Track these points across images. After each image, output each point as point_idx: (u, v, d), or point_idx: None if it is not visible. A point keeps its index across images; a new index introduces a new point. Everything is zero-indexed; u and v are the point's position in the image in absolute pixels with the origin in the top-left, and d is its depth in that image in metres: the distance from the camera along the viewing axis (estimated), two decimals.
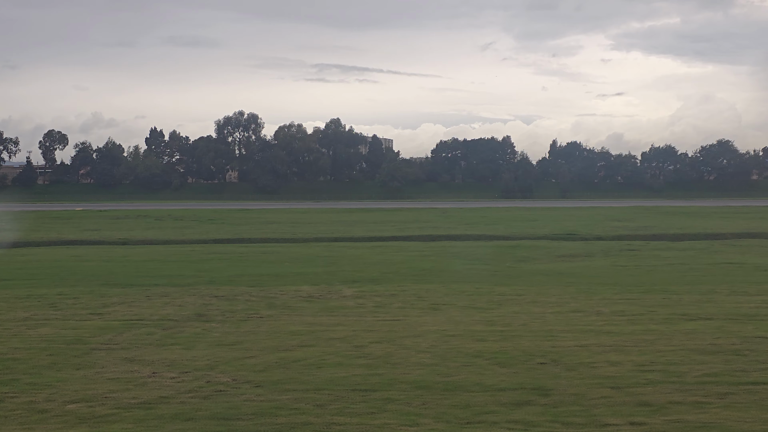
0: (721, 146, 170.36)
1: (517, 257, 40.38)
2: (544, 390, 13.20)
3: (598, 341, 17.17)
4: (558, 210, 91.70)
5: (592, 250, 44.67)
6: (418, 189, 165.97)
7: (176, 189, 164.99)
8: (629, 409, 12.15)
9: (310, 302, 22.96)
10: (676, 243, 50.60)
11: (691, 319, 20.10)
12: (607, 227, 63.83)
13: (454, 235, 57.28)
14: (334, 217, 79.18)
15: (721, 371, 14.42)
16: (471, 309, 21.83)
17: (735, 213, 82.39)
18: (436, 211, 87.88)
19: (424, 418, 11.63)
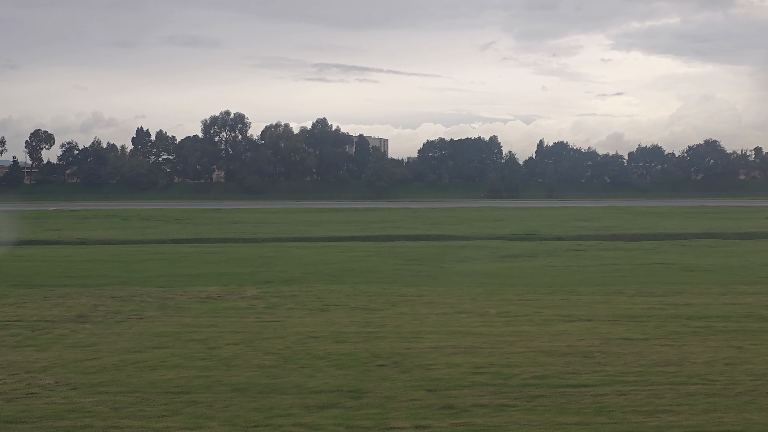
0: (708, 146, 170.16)
1: (458, 257, 40.28)
2: (360, 392, 13.14)
3: (457, 343, 17.11)
4: (530, 210, 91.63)
5: (539, 250, 44.57)
6: (405, 189, 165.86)
7: (162, 189, 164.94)
8: (428, 411, 12.09)
9: (204, 303, 22.91)
10: (629, 243, 50.53)
11: (571, 320, 20.04)
12: (570, 227, 63.73)
13: (413, 235, 57.20)
14: (302, 217, 79.10)
15: (553, 373, 14.35)
16: (360, 310, 21.78)
17: (707, 213, 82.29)
18: (407, 211, 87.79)
19: (213, 422, 11.58)
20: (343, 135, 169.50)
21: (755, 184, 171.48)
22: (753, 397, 12.70)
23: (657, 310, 21.61)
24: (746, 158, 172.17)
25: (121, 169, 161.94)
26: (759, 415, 11.76)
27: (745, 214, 79.37)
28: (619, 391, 13.10)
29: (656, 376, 14.09)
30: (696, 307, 22.21)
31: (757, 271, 32.28)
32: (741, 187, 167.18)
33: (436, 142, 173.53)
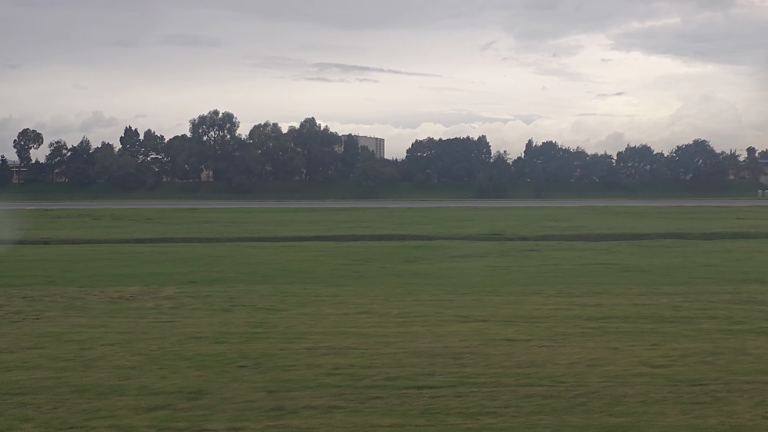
0: (697, 146, 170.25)
1: (408, 257, 40.18)
2: (200, 394, 13.09)
3: (335, 344, 17.05)
4: (506, 210, 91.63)
5: (493, 250, 44.48)
6: (393, 188, 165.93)
7: (151, 188, 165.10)
8: (253, 413, 12.04)
9: (112, 304, 22.86)
10: (588, 243, 50.43)
11: (467, 321, 19.99)
12: (538, 228, 63.67)
13: (377, 235, 57.09)
14: (276, 216, 79.09)
15: (408, 375, 14.29)
16: (264, 310, 21.73)
17: (682, 213, 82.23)
18: (383, 211, 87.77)
19: (29, 423, 11.53)
20: (331, 134, 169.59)
21: (744, 184, 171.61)
22: (588, 399, 12.64)
23: (562, 311, 21.56)
24: (735, 158, 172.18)
25: (109, 169, 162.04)
26: (575, 417, 11.70)
27: (719, 215, 79.31)
28: (459, 393, 13.04)
29: (509, 378, 14.03)
30: (604, 308, 22.15)
31: (694, 271, 32.20)
32: (730, 187, 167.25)
33: (425, 141, 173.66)
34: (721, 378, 13.97)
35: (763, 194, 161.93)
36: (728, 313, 21.27)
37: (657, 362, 15.25)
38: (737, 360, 15.47)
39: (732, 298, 24.11)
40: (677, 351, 16.28)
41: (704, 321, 19.99)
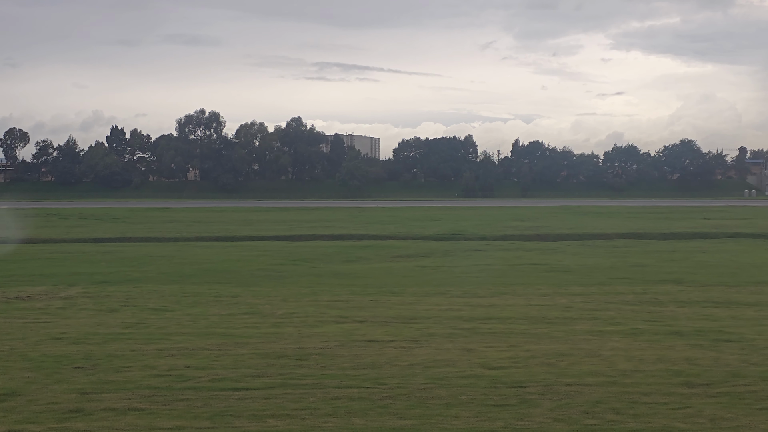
0: (684, 146, 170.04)
1: (350, 257, 40.10)
2: (10, 396, 13.01)
3: (192, 345, 16.97)
4: (478, 210, 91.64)
5: (440, 250, 44.41)
6: (379, 188, 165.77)
7: (137, 187, 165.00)
8: (47, 415, 11.96)
9: (4, 304, 22.79)
10: (539, 243, 50.41)
11: (345, 321, 19.93)
12: (501, 227, 63.60)
13: (336, 235, 56.94)
14: (244, 216, 79.07)
15: (236, 377, 14.20)
16: (151, 311, 21.67)
17: (651, 213, 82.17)
18: (354, 211, 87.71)
19: None
20: (317, 134, 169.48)
21: (731, 183, 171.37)
22: (393, 402, 12.54)
23: (450, 311, 21.48)
24: (722, 158, 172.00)
25: (95, 168, 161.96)
26: (364, 420, 11.61)
27: (688, 214, 79.17)
28: (270, 395, 12.94)
29: (333, 380, 13.94)
30: (495, 308, 22.07)
31: (619, 271, 32.09)
32: (716, 187, 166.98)
33: (411, 141, 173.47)
34: (546, 380, 13.87)
35: (749, 194, 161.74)
36: (614, 314, 21.19)
37: (498, 364, 15.16)
38: (580, 362, 15.37)
39: (633, 299, 24.02)
40: (529, 352, 16.19)
41: (583, 322, 19.91)
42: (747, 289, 26.52)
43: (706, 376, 14.17)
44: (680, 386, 13.53)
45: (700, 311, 21.79)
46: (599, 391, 13.18)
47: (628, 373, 14.45)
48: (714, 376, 14.15)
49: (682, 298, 24.18)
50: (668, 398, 12.77)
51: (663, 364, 15.16)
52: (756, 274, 31.20)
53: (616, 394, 12.97)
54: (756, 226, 63.77)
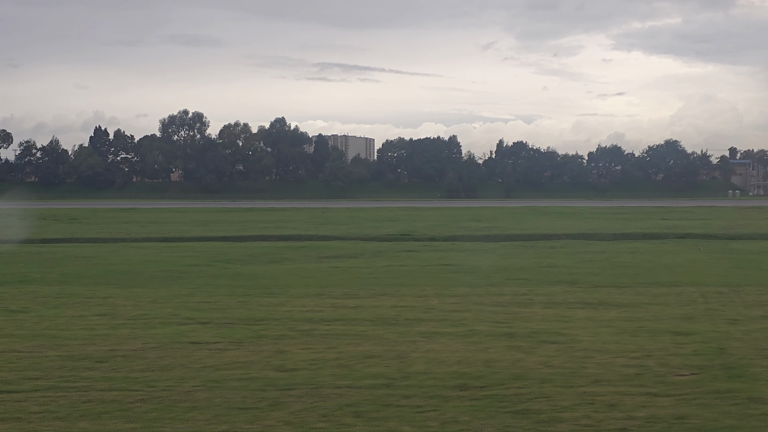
0: (668, 146, 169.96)
1: (276, 258, 39.95)
2: None
3: (10, 347, 16.84)
4: (441, 210, 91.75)
5: (372, 250, 44.25)
6: (363, 188, 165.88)
7: (120, 188, 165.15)
8: None
9: None
10: (481, 244, 50.22)
11: (189, 323, 19.78)
12: (454, 228, 63.52)
13: (284, 236, 56.82)
14: (205, 216, 79.10)
15: (17, 379, 14.07)
16: (6, 312, 21.54)
17: (615, 214, 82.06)
18: (317, 211, 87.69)
19: None
20: (301, 134, 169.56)
21: (715, 184, 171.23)
22: (141, 404, 12.38)
23: (308, 313, 21.31)
24: (707, 159, 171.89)
25: (78, 168, 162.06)
26: (87, 422, 11.46)
27: (651, 215, 79.00)
28: (26, 398, 12.80)
29: (105, 382, 13.75)
30: (355, 310, 21.89)
31: (524, 272, 31.84)
32: (700, 188, 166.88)
33: (395, 141, 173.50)
34: (323, 382, 13.71)
35: (733, 194, 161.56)
36: (471, 315, 21.01)
37: (294, 366, 14.98)
38: (380, 363, 15.19)
39: (507, 300, 23.81)
40: (340, 354, 16.01)
41: (429, 323, 19.74)
42: (633, 290, 26.32)
43: (488, 379, 13.99)
44: (453, 389, 13.36)
45: (561, 312, 21.60)
46: (364, 393, 13.02)
47: (414, 375, 14.28)
48: (496, 379, 13.97)
49: (558, 300, 23.99)
50: (427, 401, 12.60)
51: (459, 366, 14.98)
52: (660, 275, 30.99)
53: (379, 397, 12.81)
54: (710, 226, 63.59)
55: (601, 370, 14.74)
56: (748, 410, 12.03)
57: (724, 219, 72.37)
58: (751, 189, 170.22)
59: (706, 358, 15.73)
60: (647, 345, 17.05)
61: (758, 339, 17.67)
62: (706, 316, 21.00)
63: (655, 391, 13.18)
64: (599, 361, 15.49)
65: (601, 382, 13.81)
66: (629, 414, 11.90)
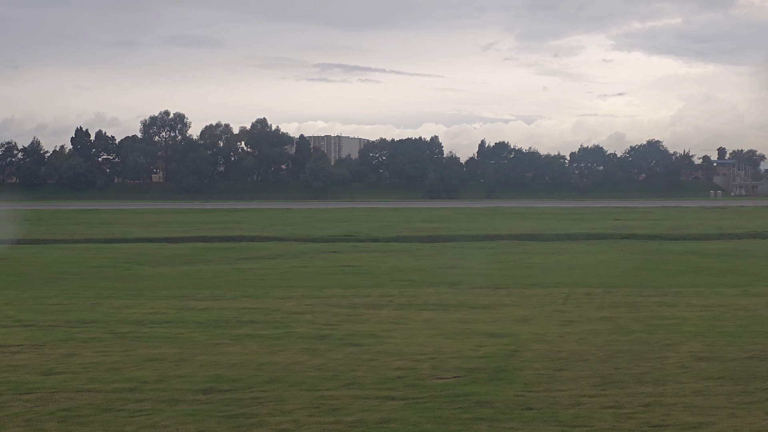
0: (650, 146, 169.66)
1: (193, 259, 39.79)
2: None
3: None
4: (394, 211, 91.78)
5: (296, 251, 44.14)
6: (344, 189, 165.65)
7: (101, 189, 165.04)
8: None
9: None
10: (414, 244, 50.09)
11: (6, 326, 19.65)
12: (401, 228, 63.38)
13: (226, 237, 56.80)
14: (162, 217, 79.13)
15: None
16: None
17: (570, 214, 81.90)
18: (277, 212, 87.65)
19: None
20: (282, 135, 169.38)
21: (697, 184, 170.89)
22: None
23: (151, 315, 21.17)
24: (689, 159, 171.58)
25: (59, 170, 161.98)
26: None
27: (607, 216, 78.71)
28: None
29: None
30: (193, 312, 21.71)
31: (419, 273, 31.68)
32: (682, 188, 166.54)
33: (377, 142, 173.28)
34: (66, 386, 13.55)
35: (715, 194, 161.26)
36: (311, 317, 20.84)
37: (62, 370, 14.82)
38: (142, 367, 15.02)
39: (369, 301, 23.58)
40: (115, 358, 15.84)
41: (253, 325, 19.55)
42: (507, 291, 26.10)
43: (241, 382, 13.79)
44: (195, 393, 13.17)
45: (405, 314, 21.39)
46: (98, 397, 12.83)
47: (170, 378, 14.10)
48: (248, 383, 13.77)
49: (418, 301, 23.76)
50: (154, 405, 12.41)
51: (226, 369, 14.79)
52: (553, 276, 30.78)
53: (111, 401, 12.61)
54: (659, 227, 63.35)
55: (367, 372, 14.54)
56: (462, 414, 11.83)
57: (679, 219, 72.11)
58: (734, 189, 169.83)
59: (488, 360, 15.53)
60: (448, 347, 16.85)
61: (570, 342, 17.45)
62: (546, 318, 20.80)
63: (393, 395, 12.97)
64: (378, 363, 15.28)
65: (352, 386, 13.60)
66: (339, 418, 11.70)
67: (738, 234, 57.16)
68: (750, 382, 13.64)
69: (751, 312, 21.42)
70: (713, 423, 11.42)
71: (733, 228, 61.65)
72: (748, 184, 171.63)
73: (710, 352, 16.28)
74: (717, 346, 16.84)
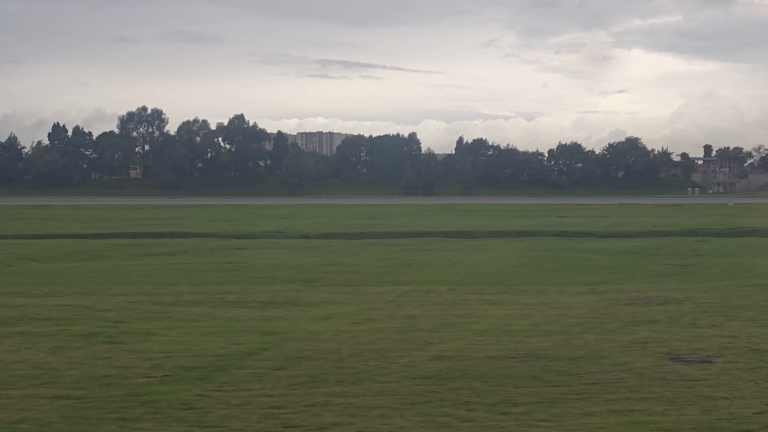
0: (629, 143, 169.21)
1: (93, 255, 39.75)
2: None
3: None
4: (339, 207, 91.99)
5: (204, 247, 44.05)
6: (321, 185, 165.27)
7: (77, 184, 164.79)
8: None
9: None
10: (333, 241, 49.99)
11: None
12: (336, 226, 63.11)
13: (158, 233, 56.60)
14: (105, 213, 79.15)
15: None
16: None
17: (514, 211, 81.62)
18: (226, 209, 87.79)
19: None
20: (260, 131, 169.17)
21: (676, 181, 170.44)
22: None
23: None
24: (667, 156, 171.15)
25: (36, 165, 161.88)
26: None
27: (552, 213, 78.41)
28: None
29: None
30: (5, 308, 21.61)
31: (272, 271, 31.38)
32: (660, 185, 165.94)
33: (355, 138, 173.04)
34: None
35: (692, 192, 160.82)
36: (109, 314, 20.71)
37: None
38: None
39: (196, 299, 23.45)
40: None
41: (38, 323, 19.41)
42: (351, 288, 26.06)
43: None
44: None
45: (213, 312, 21.29)
46: None
47: None
48: None
49: (248, 299, 23.62)
50: None
51: None
52: (423, 273, 30.64)
53: None
54: (596, 224, 63.05)
55: (81, 371, 14.40)
56: (109, 414, 11.68)
57: (623, 217, 71.99)
58: (712, 186, 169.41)
59: (220, 359, 15.41)
60: (204, 345, 16.71)
61: (327, 340, 17.25)
62: (350, 315, 20.67)
63: (73, 394, 12.85)
64: (103, 362, 15.16)
65: (46, 384, 13.50)
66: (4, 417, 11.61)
67: (671, 231, 56.97)
68: (444, 383, 13.45)
69: (563, 311, 21.21)
70: (351, 423, 11.24)
71: (671, 225, 61.34)
72: (726, 181, 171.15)
73: (459, 351, 16.10)
74: (476, 346, 16.66)
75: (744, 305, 21.53)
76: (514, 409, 11.88)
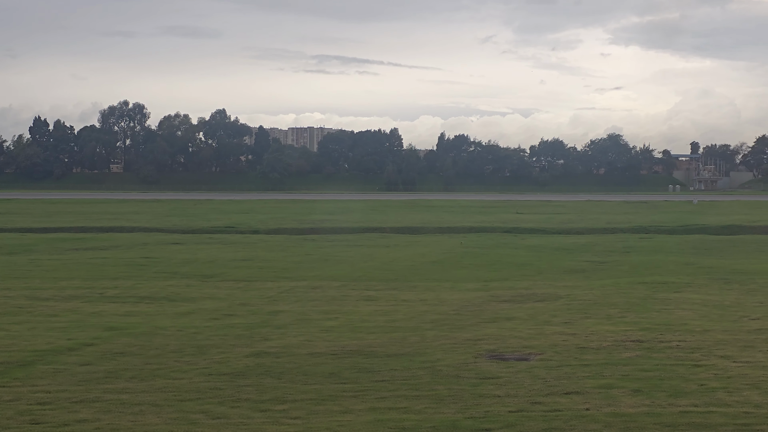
0: (610, 140, 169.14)
1: (20, 249, 39.50)
2: None
3: None
4: (297, 203, 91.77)
5: (140, 242, 43.85)
6: (302, 180, 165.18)
7: (58, 179, 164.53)
8: None
9: None
10: (277, 236, 49.78)
11: None
12: (288, 221, 62.80)
13: (107, 227, 56.21)
14: (64, 208, 78.89)
15: None
16: None
17: (482, 207, 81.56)
18: (189, 203, 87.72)
19: None
20: (241, 126, 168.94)
21: (657, 178, 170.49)
22: None
23: None
24: (649, 153, 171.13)
25: (17, 159, 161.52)
26: None
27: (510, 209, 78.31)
28: None
29: None
30: None
31: (184, 267, 31.30)
32: (642, 182, 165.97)
33: (336, 133, 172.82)
34: None
35: (673, 189, 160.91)
36: None
37: None
38: None
39: (70, 294, 23.31)
40: None
41: None
42: (243, 284, 25.97)
43: None
44: None
45: (70, 306, 21.22)
46: None
47: None
48: None
49: (124, 294, 23.54)
50: None
51: None
52: (329, 269, 30.51)
53: None
54: (551, 221, 62.94)
55: None
56: None
57: (580, 214, 71.83)
58: (693, 184, 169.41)
59: (33, 354, 15.28)
60: (34, 341, 16.61)
61: (166, 336, 17.13)
62: (213, 311, 20.58)
63: None
64: None
65: None
66: None
67: (621, 228, 56.88)
68: (237, 380, 13.34)
69: (433, 308, 21.07)
70: (99, 420, 11.10)
71: (624, 222, 61.24)
72: (707, 178, 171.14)
73: (286, 348, 15.99)
74: (311, 342, 16.57)
75: (614, 303, 21.44)
76: (277, 406, 11.76)
